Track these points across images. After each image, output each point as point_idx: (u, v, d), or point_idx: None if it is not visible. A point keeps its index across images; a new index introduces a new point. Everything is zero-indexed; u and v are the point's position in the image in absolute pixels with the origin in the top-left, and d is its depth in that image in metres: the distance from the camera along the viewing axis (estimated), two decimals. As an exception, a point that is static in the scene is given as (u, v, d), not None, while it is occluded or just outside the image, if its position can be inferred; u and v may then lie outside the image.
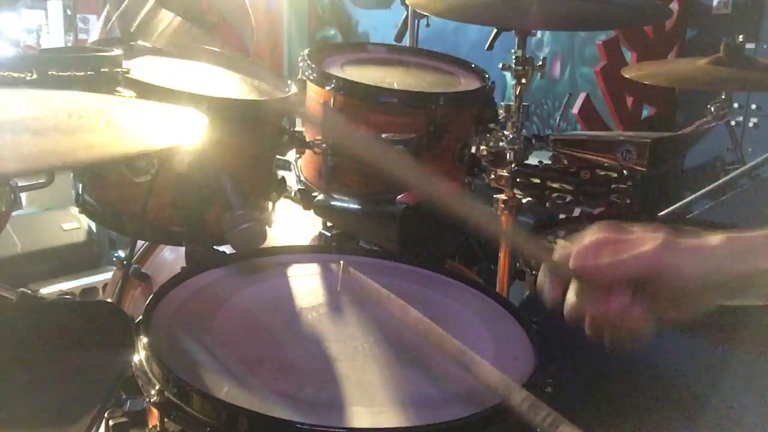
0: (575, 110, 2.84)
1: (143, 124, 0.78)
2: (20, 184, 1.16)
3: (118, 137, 0.69)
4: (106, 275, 2.79)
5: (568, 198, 1.48)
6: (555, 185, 1.49)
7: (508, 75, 1.57)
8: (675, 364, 1.00)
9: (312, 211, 1.30)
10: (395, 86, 1.43)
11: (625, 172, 1.47)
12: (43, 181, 1.25)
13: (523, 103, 1.55)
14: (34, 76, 1.05)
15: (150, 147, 0.68)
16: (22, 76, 1.04)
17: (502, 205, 1.59)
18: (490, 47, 1.87)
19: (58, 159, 0.58)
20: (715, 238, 0.69)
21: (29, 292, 1.11)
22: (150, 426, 0.77)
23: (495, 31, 1.83)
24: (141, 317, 0.82)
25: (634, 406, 0.93)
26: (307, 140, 1.35)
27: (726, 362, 0.97)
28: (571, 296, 0.73)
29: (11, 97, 0.85)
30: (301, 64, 1.47)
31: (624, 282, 0.69)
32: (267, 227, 1.15)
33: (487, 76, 1.57)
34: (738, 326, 1.02)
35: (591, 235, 0.73)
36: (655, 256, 0.68)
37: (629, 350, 0.71)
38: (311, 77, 1.43)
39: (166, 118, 0.83)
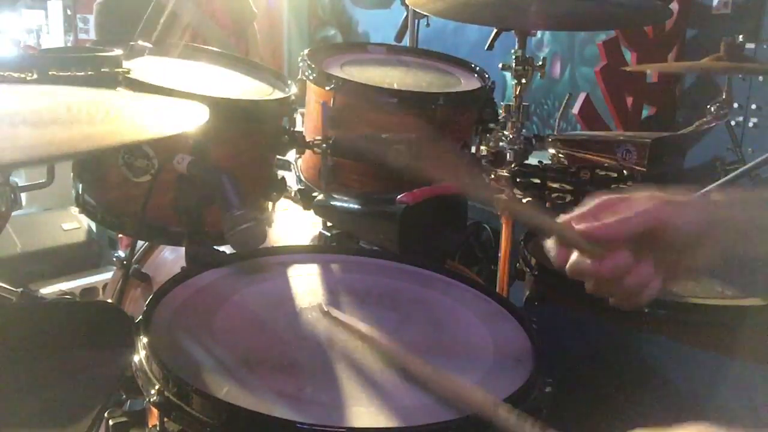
0: (575, 110, 2.84)
1: (142, 116, 0.78)
2: (20, 184, 1.16)
3: (116, 128, 0.69)
4: (106, 275, 2.79)
5: (568, 198, 1.48)
6: (555, 185, 1.49)
7: (508, 75, 1.57)
8: (670, 372, 1.00)
9: (312, 211, 1.30)
10: (395, 86, 1.43)
11: (625, 172, 1.47)
12: (43, 181, 1.25)
13: (523, 103, 1.55)
14: (35, 76, 1.05)
15: (149, 137, 0.68)
16: (23, 76, 1.05)
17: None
18: (490, 47, 1.87)
19: (56, 150, 0.58)
20: (714, 194, 0.75)
21: (29, 292, 1.10)
22: (150, 426, 0.77)
23: (495, 31, 1.83)
24: (141, 317, 0.82)
25: (627, 410, 0.93)
26: (307, 140, 1.35)
27: (719, 370, 0.98)
28: (574, 257, 0.75)
29: (10, 91, 0.85)
30: (301, 64, 1.47)
31: (627, 239, 0.72)
32: (267, 227, 1.16)
33: (487, 76, 1.57)
34: (730, 335, 1.03)
35: (591, 199, 0.76)
36: (655, 211, 0.72)
37: (637, 307, 0.75)
38: (311, 77, 1.43)
39: (166, 110, 0.83)
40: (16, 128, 0.64)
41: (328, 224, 1.31)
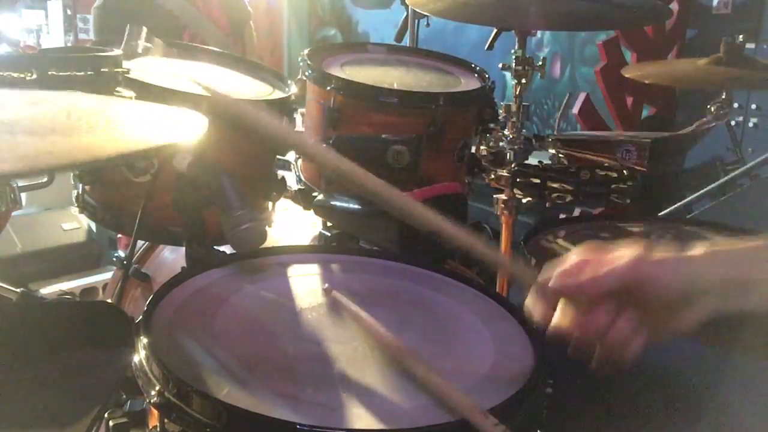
0: (575, 110, 2.84)
1: (142, 124, 0.78)
2: (20, 184, 1.16)
3: (116, 138, 0.69)
4: (106, 275, 2.79)
5: (568, 198, 1.48)
6: (555, 185, 1.49)
7: (508, 75, 1.57)
8: (673, 368, 1.00)
9: (312, 211, 1.30)
10: (395, 86, 1.43)
11: (625, 172, 1.47)
12: (43, 181, 1.26)
13: (523, 103, 1.55)
14: (34, 76, 1.05)
15: (148, 146, 0.68)
16: (22, 76, 1.05)
17: (502, 205, 1.59)
18: (490, 47, 1.87)
19: (56, 160, 0.58)
20: (697, 249, 0.70)
21: (29, 292, 1.10)
22: (150, 426, 0.77)
23: (495, 31, 1.83)
24: (141, 317, 0.82)
25: (631, 409, 0.93)
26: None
27: (724, 366, 0.98)
28: (555, 317, 0.74)
29: (9, 97, 0.85)
30: (301, 64, 1.47)
31: (605, 298, 0.70)
32: (267, 227, 1.16)
33: (487, 76, 1.57)
34: (735, 330, 1.02)
35: (573, 255, 0.74)
36: (631, 268, 0.69)
37: (616, 370, 0.71)
38: (311, 77, 1.43)
39: (166, 117, 0.83)
40: (15, 137, 0.64)
41: (328, 224, 1.31)
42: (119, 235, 2.18)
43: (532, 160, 1.59)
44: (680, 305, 0.69)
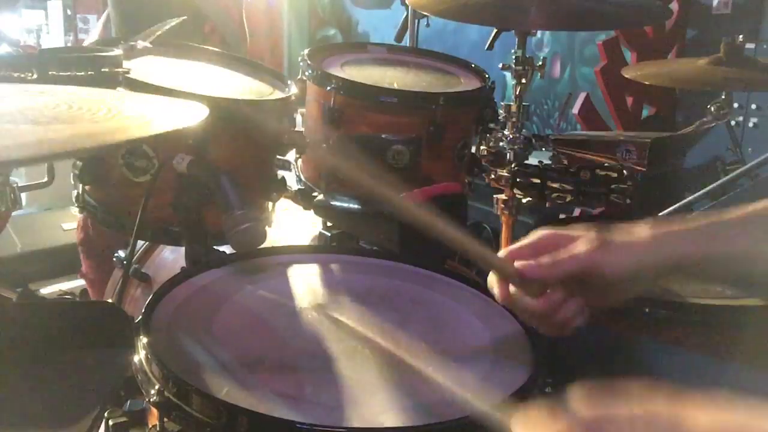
0: (575, 110, 2.83)
1: (144, 114, 0.78)
2: (20, 184, 1.16)
3: (118, 126, 0.69)
4: (106, 275, 2.79)
5: (568, 198, 1.48)
6: (555, 185, 1.49)
7: (508, 75, 1.57)
8: (667, 374, 1.00)
9: (312, 211, 1.30)
10: (395, 86, 1.43)
11: (625, 172, 1.47)
12: (43, 181, 1.26)
13: (523, 103, 1.55)
14: (35, 76, 1.05)
15: (149, 134, 0.68)
16: (23, 76, 1.05)
17: (502, 205, 1.59)
18: (490, 47, 1.87)
19: (58, 147, 0.58)
20: (644, 232, 0.78)
21: (29, 292, 1.11)
22: (150, 426, 0.77)
23: (495, 31, 1.83)
24: (141, 317, 0.82)
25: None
26: (307, 140, 1.35)
27: (717, 375, 0.98)
28: (512, 291, 0.82)
29: (12, 89, 0.86)
30: (301, 64, 1.47)
31: (561, 279, 0.78)
32: (267, 227, 1.15)
33: (487, 76, 1.57)
34: (730, 335, 1.03)
35: (531, 236, 0.82)
36: (590, 255, 0.77)
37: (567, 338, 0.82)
38: (311, 77, 1.43)
39: (167, 108, 0.83)
40: (18, 126, 0.64)
41: (328, 224, 1.31)
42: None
43: (532, 160, 1.59)
44: (623, 284, 0.77)
